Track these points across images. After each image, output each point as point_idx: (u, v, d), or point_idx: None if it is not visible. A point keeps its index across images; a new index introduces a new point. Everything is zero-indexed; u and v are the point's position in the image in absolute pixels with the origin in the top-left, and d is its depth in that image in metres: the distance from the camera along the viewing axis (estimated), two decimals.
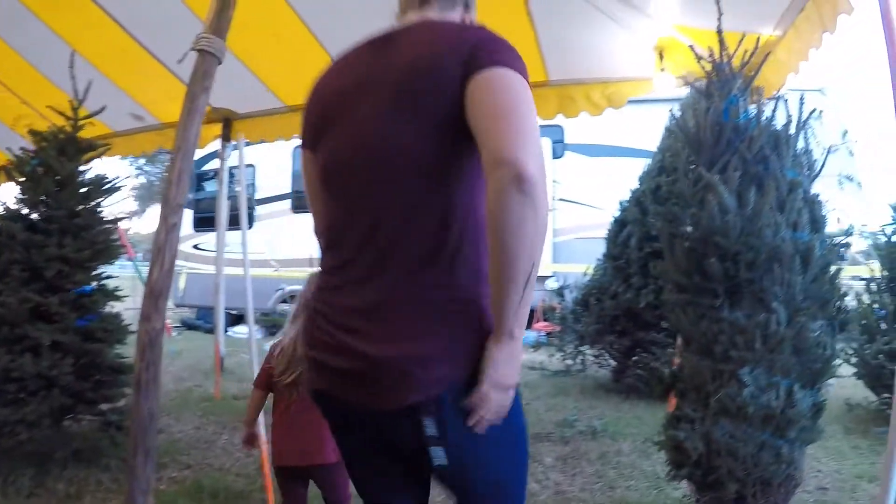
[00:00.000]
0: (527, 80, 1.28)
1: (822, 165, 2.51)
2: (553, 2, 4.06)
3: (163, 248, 2.53)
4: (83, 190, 4.12)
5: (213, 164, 10.43)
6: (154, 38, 4.87)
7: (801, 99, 2.53)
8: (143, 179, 37.49)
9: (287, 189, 10.62)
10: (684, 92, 6.06)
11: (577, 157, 9.05)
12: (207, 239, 10.92)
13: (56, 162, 3.98)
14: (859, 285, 4.92)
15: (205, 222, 11.14)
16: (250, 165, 10.44)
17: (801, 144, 2.51)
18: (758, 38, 3.66)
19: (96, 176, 4.31)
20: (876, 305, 4.76)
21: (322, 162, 1.44)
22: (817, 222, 2.40)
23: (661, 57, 4.67)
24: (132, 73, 5.42)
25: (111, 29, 4.66)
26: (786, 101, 2.58)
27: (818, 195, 2.49)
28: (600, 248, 6.37)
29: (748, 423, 2.46)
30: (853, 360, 4.79)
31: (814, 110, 2.50)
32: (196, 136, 2.87)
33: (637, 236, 5.64)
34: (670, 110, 6.23)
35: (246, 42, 4.71)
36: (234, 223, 10.77)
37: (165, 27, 4.67)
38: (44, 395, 3.48)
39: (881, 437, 4.49)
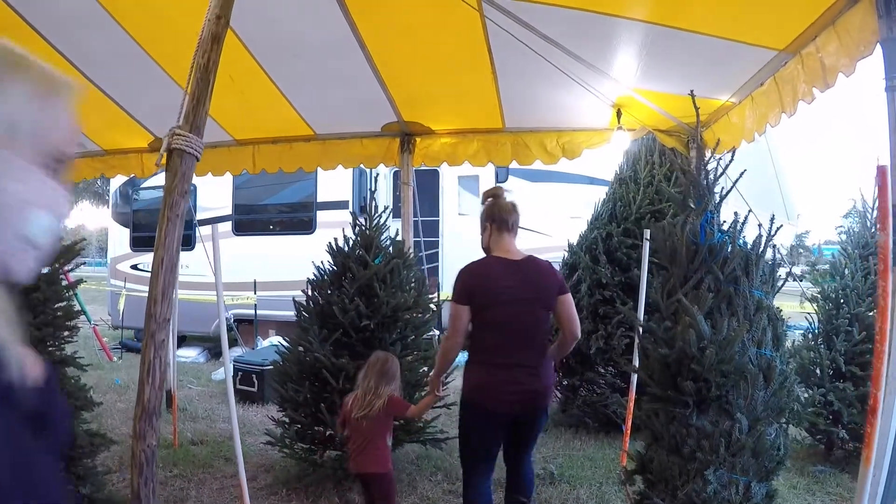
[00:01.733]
0: None
1: (783, 283, 2.74)
2: (517, 61, 4.21)
3: (152, 365, 2.54)
4: None
5: (149, 182, 10.13)
6: (96, 67, 4.85)
7: (772, 218, 2.74)
8: None
9: (228, 210, 10.38)
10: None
11: (519, 182, 9.17)
12: (147, 259, 10.61)
13: None
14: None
15: (143, 241, 10.78)
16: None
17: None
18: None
19: None
20: (812, 354, 5.14)
21: (493, 317, 3.10)
22: (778, 339, 2.63)
23: (619, 115, 4.90)
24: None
25: (50, 57, 4.53)
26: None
27: (779, 311, 2.72)
28: None
29: None
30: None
31: (780, 227, 2.71)
32: (178, 245, 2.84)
33: (588, 283, 5.87)
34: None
35: None
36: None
37: (108, 56, 4.66)
38: None
39: (817, 476, 4.88)
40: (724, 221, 2.84)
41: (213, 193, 10.18)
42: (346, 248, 4.67)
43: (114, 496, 4.14)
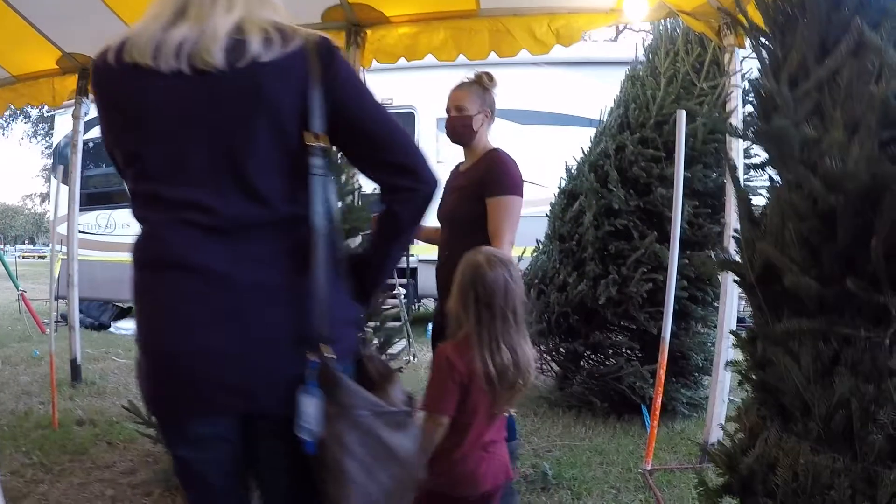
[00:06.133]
0: None
1: None
2: None
3: None
4: None
5: (93, 133, 8.86)
6: None
7: None
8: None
9: None
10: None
11: (508, 125, 7.75)
12: (90, 220, 9.44)
13: None
14: None
15: (88, 199, 9.60)
16: None
17: None
18: None
19: None
20: None
21: None
22: None
23: None
24: None
25: None
26: None
27: None
28: (540, 230, 5.23)
29: None
30: None
31: None
32: None
33: (593, 211, 4.41)
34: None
35: None
36: (111, 201, 9.13)
37: None
38: None
39: None
40: None
41: None
42: None
43: None
